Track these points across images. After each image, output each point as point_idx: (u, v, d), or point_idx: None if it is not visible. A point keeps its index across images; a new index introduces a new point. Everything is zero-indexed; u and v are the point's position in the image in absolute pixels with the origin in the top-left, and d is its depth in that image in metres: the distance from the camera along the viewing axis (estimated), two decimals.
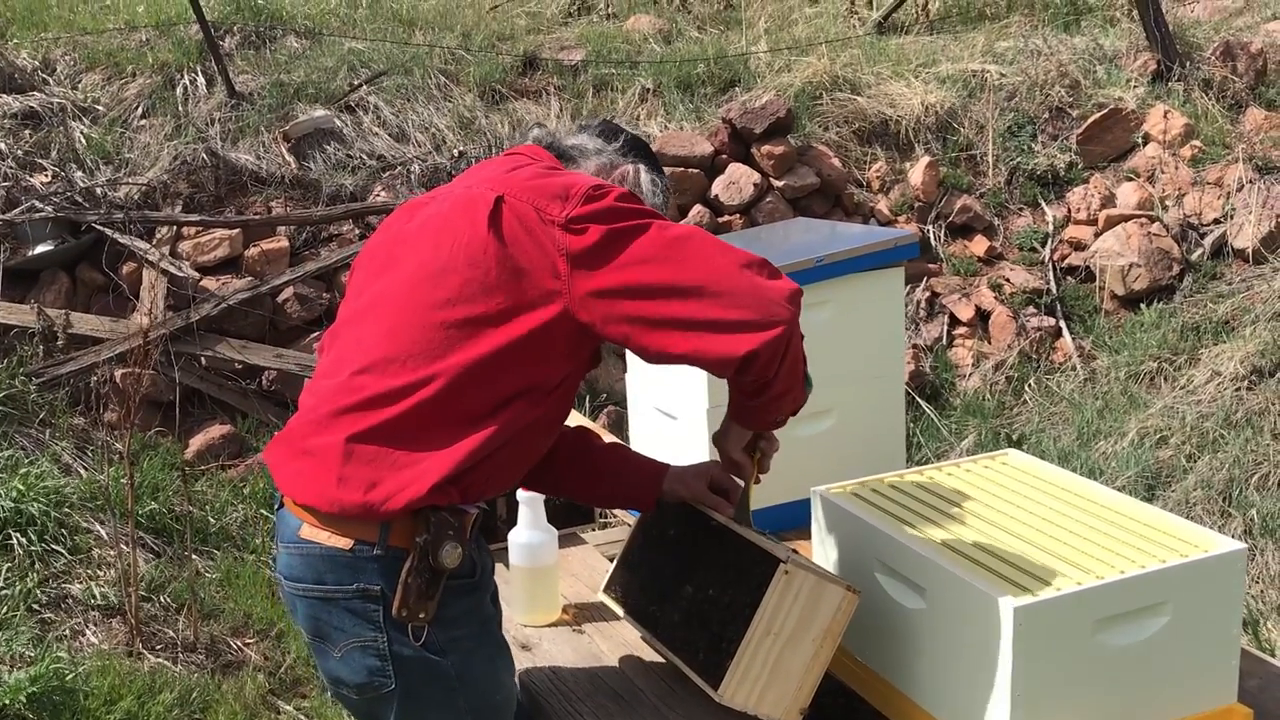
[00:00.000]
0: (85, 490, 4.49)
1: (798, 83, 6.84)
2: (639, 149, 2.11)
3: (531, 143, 2.07)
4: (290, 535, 1.84)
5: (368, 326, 1.87)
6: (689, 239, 1.81)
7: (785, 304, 1.78)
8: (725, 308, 1.76)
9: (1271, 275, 5.81)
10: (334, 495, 1.77)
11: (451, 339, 1.79)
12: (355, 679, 1.83)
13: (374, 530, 1.77)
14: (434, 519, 1.76)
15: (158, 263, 5.47)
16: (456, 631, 1.83)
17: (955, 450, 5.24)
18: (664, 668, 2.14)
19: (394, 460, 1.76)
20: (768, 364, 1.81)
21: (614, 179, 2.03)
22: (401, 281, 1.86)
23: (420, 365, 1.78)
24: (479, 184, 1.89)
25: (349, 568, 1.79)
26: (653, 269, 1.77)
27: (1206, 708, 1.97)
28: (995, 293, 6.22)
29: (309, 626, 1.87)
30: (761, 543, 1.94)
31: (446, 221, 1.86)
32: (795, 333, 1.82)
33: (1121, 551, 1.95)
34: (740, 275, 1.78)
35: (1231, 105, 6.99)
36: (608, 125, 2.14)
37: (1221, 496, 4.46)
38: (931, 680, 1.98)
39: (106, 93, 6.41)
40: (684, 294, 1.77)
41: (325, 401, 1.85)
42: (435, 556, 1.76)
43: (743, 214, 6.22)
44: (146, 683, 3.64)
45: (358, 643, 1.81)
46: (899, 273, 2.85)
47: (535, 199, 1.82)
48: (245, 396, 5.40)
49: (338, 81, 6.63)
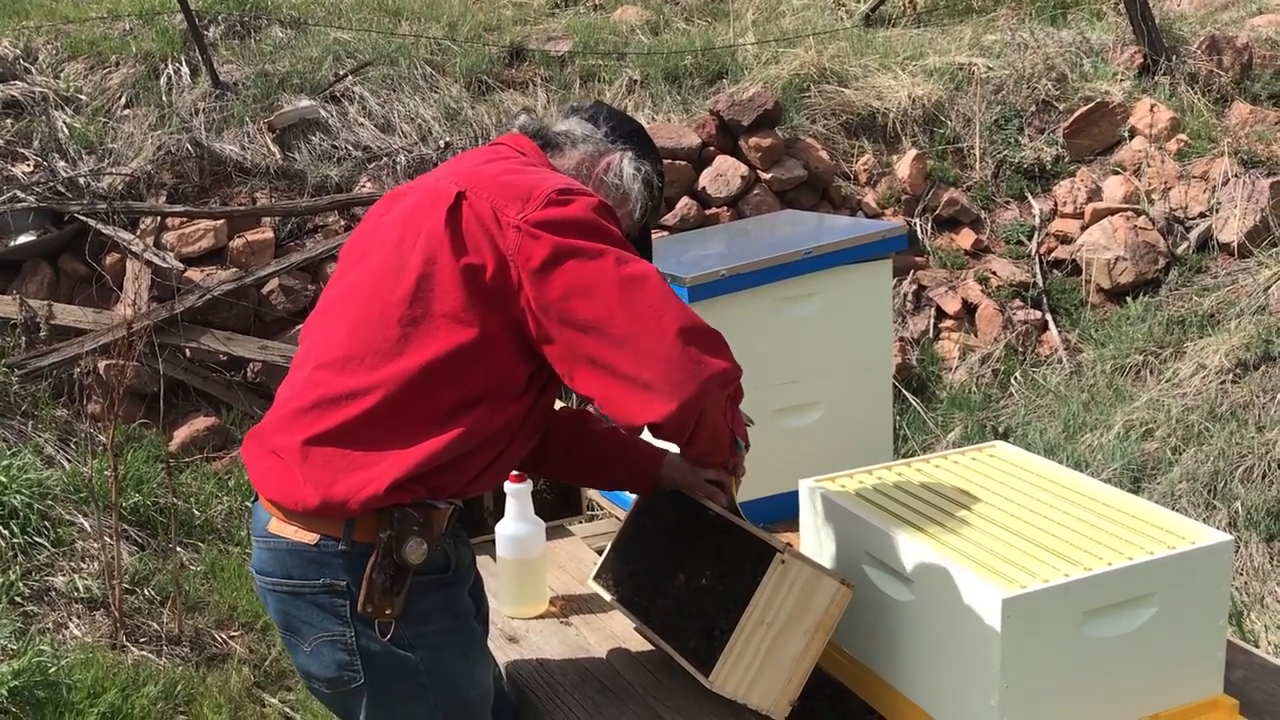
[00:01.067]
0: (68, 482, 4.46)
1: (785, 75, 6.84)
2: (628, 134, 2.05)
3: (518, 130, 2.04)
4: (260, 529, 1.85)
5: (334, 321, 1.88)
6: (638, 284, 1.75)
7: (703, 382, 1.74)
8: (644, 367, 1.73)
9: (1256, 269, 5.83)
10: (296, 495, 1.78)
11: (408, 337, 1.77)
12: (325, 673, 1.83)
13: (339, 526, 1.77)
14: (398, 515, 1.76)
15: (141, 254, 5.44)
16: (426, 627, 1.82)
17: (941, 443, 5.25)
18: (652, 660, 2.13)
19: (350, 461, 1.76)
20: (674, 434, 1.81)
21: (598, 170, 2.00)
22: (367, 276, 1.86)
23: (378, 365, 1.77)
24: (447, 177, 1.87)
25: (315, 563, 1.79)
26: (588, 303, 1.73)
27: (1192, 698, 1.98)
28: (982, 286, 6.23)
29: (280, 620, 1.87)
30: (758, 533, 1.94)
31: (411, 216, 1.85)
32: (709, 409, 1.78)
33: (1109, 543, 1.95)
34: (671, 339, 1.73)
35: (1217, 99, 7.01)
36: (599, 108, 2.10)
37: (1207, 489, 4.47)
38: (919, 672, 1.97)
39: (89, 82, 6.36)
40: (609, 339, 1.73)
41: (290, 398, 1.86)
42: (399, 553, 1.75)
43: (730, 206, 6.21)
44: (130, 676, 3.62)
45: (326, 637, 1.80)
46: (887, 265, 2.85)
47: (496, 198, 1.78)
48: (230, 388, 5.38)
49: (323, 72, 6.59)
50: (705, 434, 1.83)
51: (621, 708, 1.99)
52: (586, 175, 1.99)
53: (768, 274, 2.69)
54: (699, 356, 1.75)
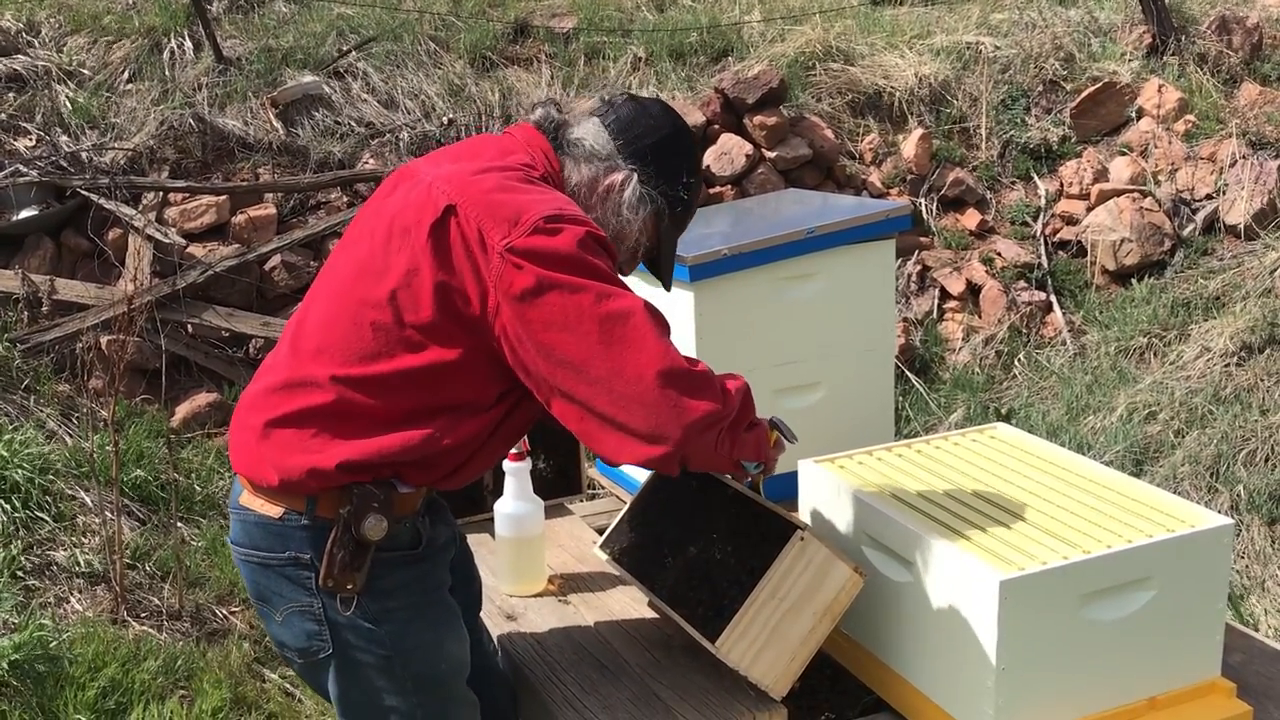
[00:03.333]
0: (70, 457, 4.46)
1: (791, 53, 6.79)
2: (645, 150, 1.92)
3: (534, 123, 1.96)
4: (234, 501, 1.88)
5: (318, 305, 1.88)
6: (621, 321, 1.71)
7: (684, 426, 1.70)
8: (620, 409, 1.70)
9: (1263, 251, 5.80)
10: (259, 472, 1.80)
11: (379, 341, 1.77)
12: (296, 643, 1.85)
13: (301, 501, 1.79)
14: (357, 492, 1.76)
15: (143, 229, 5.43)
16: (391, 602, 1.83)
17: (944, 424, 5.24)
18: (649, 638, 2.13)
19: (305, 445, 1.77)
20: (663, 471, 1.78)
21: (598, 193, 1.92)
22: (350, 265, 1.85)
23: (345, 362, 1.77)
24: (442, 182, 1.80)
25: (280, 536, 1.81)
26: (568, 339, 1.70)
27: (1190, 681, 1.98)
28: (986, 266, 6.21)
29: (253, 590, 1.89)
30: (779, 511, 1.94)
31: (400, 214, 1.81)
32: (692, 453, 1.74)
33: (1108, 526, 1.94)
34: (651, 381, 1.69)
35: (1226, 80, 6.96)
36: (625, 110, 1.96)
37: (1209, 472, 4.46)
38: (917, 653, 1.97)
39: (92, 56, 6.34)
40: (587, 378, 1.71)
41: (266, 373, 1.88)
42: (358, 529, 1.76)
43: (734, 185, 6.19)
44: (131, 650, 3.63)
45: (296, 607, 1.83)
46: (890, 245, 2.83)
47: (483, 218, 1.74)
48: (232, 364, 5.38)
49: (326, 47, 6.56)
50: (695, 468, 1.80)
51: (617, 685, 1.99)
52: (588, 194, 1.92)
53: (770, 253, 2.68)
54: (678, 400, 1.71)
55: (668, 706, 1.91)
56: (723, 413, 1.76)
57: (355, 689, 1.86)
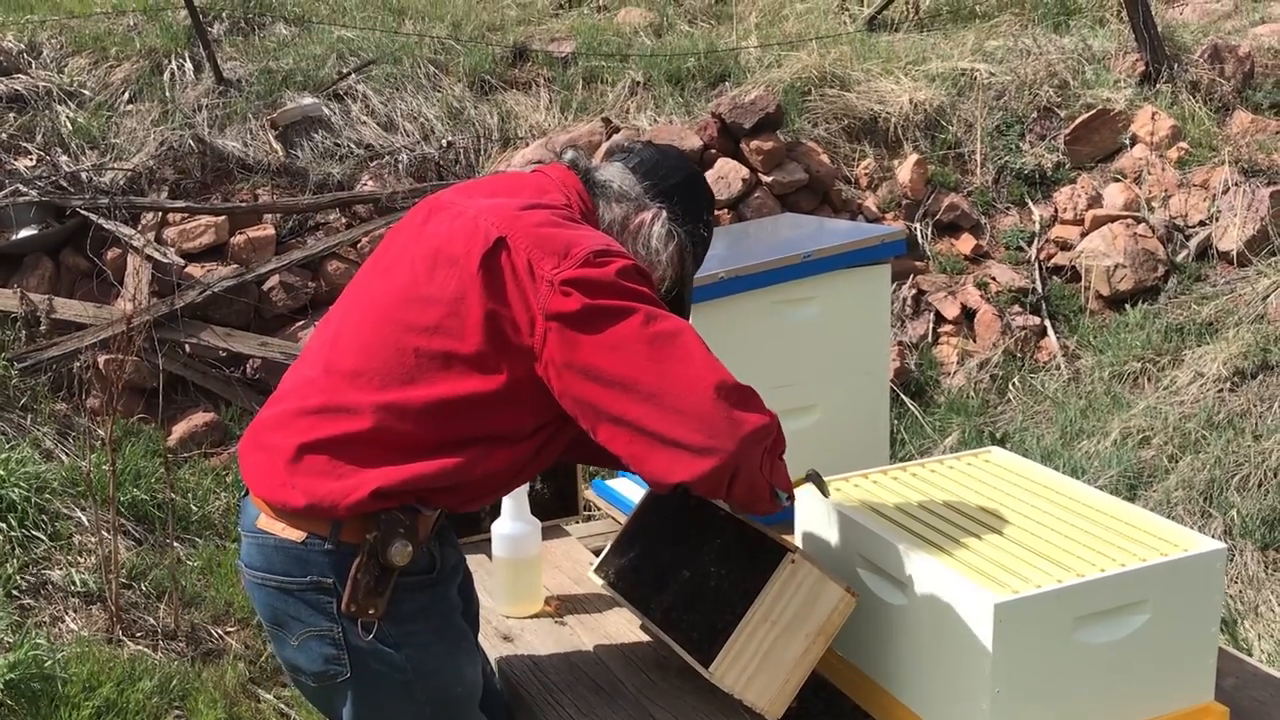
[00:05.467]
0: (66, 476, 4.47)
1: (788, 78, 6.85)
2: (670, 190, 1.99)
3: (569, 162, 2.01)
4: (249, 524, 1.87)
5: (351, 327, 1.88)
6: (670, 339, 1.74)
7: (739, 438, 1.72)
8: (673, 424, 1.71)
9: (1255, 278, 5.84)
10: (283, 496, 1.79)
11: (422, 368, 1.78)
12: (312, 667, 1.85)
13: (326, 526, 1.79)
14: (384, 518, 1.77)
15: (142, 249, 5.45)
16: (412, 626, 1.83)
17: (939, 448, 5.26)
18: (645, 660, 2.14)
19: (339, 471, 1.77)
20: (708, 492, 1.78)
21: (630, 230, 1.97)
22: (392, 292, 1.85)
23: (386, 387, 1.78)
24: (489, 214, 1.83)
25: (301, 560, 1.80)
26: (619, 360, 1.72)
27: (1183, 705, 1.99)
28: (981, 291, 6.24)
29: (267, 615, 1.88)
30: (770, 534, 1.95)
31: (446, 245, 1.83)
32: (743, 466, 1.75)
33: (1103, 550, 1.95)
34: (704, 395, 1.71)
35: (1218, 108, 7.02)
36: (646, 154, 2.04)
37: (1203, 497, 4.48)
38: (912, 676, 1.98)
39: (93, 77, 6.38)
40: (639, 396, 1.72)
41: (293, 393, 1.87)
42: (384, 554, 1.77)
43: (731, 209, 6.22)
44: (126, 670, 3.63)
45: (314, 632, 1.82)
46: (886, 270, 2.85)
47: (533, 250, 1.77)
48: (229, 384, 5.39)
49: (326, 69, 6.61)
50: (741, 489, 1.80)
51: (614, 707, 1.99)
52: (621, 231, 1.96)
53: (766, 277, 2.70)
54: (732, 413, 1.72)
55: None
56: (773, 427, 1.79)
57: (372, 712, 1.86)
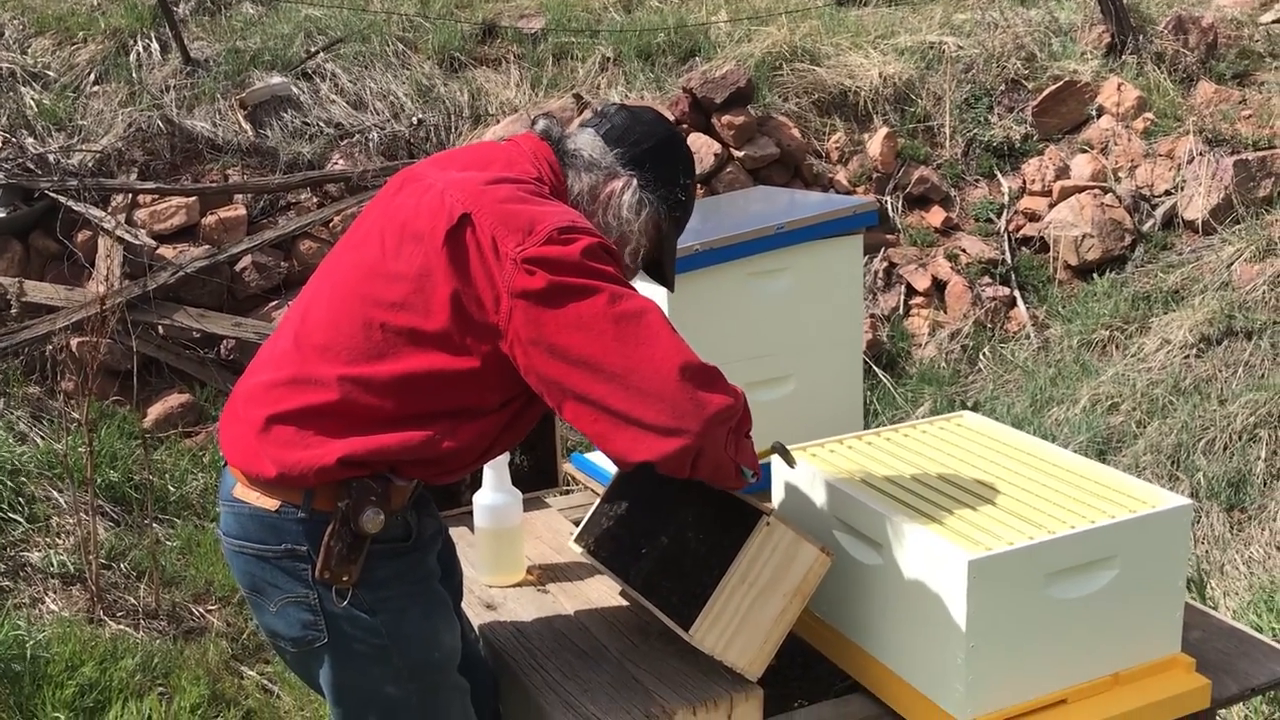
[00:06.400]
0: (42, 459, 4.46)
1: (758, 53, 6.86)
2: (642, 156, 1.98)
3: (539, 132, 2.01)
4: (226, 493, 1.90)
5: (321, 300, 1.90)
6: (635, 319, 1.74)
7: (703, 419, 1.73)
8: (637, 405, 1.72)
9: (1220, 246, 5.92)
10: (256, 466, 1.82)
11: (389, 344, 1.80)
12: (290, 632, 1.88)
13: (299, 494, 1.82)
14: (356, 486, 1.80)
15: (113, 231, 5.42)
16: (386, 592, 1.86)
17: (911, 418, 5.32)
18: (628, 625, 2.18)
19: (307, 442, 1.80)
20: (674, 471, 1.79)
21: (600, 200, 1.97)
22: (359, 268, 1.87)
23: (353, 362, 1.80)
24: (454, 189, 1.84)
25: (275, 529, 1.83)
26: (583, 339, 1.73)
27: (1152, 657, 2.04)
28: (951, 263, 6.30)
29: (246, 582, 1.91)
30: (745, 498, 1.99)
31: (412, 220, 1.84)
32: (708, 447, 1.76)
33: (1072, 507, 2.00)
34: (668, 376, 1.72)
35: (1183, 79, 7.09)
36: (619, 119, 2.01)
37: (1170, 460, 4.56)
38: (888, 633, 2.03)
39: (57, 58, 6.31)
40: (603, 376, 1.73)
41: (266, 368, 1.90)
42: (356, 522, 1.79)
43: (703, 184, 6.25)
44: (108, 649, 3.64)
45: (291, 598, 1.85)
46: (857, 240, 2.89)
47: (497, 227, 1.77)
48: (204, 365, 5.38)
49: (294, 48, 6.57)
50: (706, 469, 1.82)
51: (596, 670, 2.03)
52: (590, 202, 1.97)
53: (740, 249, 2.73)
54: (697, 394, 1.73)
55: (647, 690, 1.95)
56: (737, 408, 1.80)
57: (350, 677, 1.89)
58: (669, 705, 1.89)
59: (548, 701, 1.95)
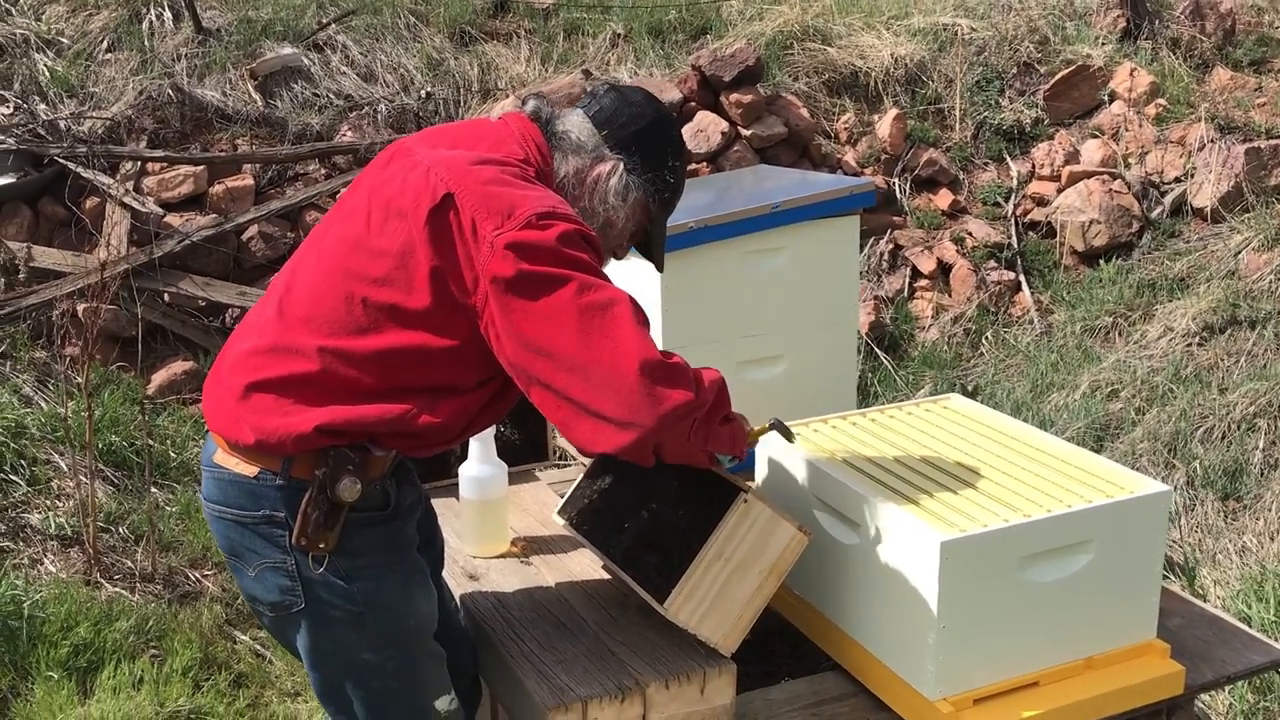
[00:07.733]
0: (45, 422, 4.49)
1: (769, 31, 6.84)
2: (629, 139, 1.98)
3: (529, 113, 2.01)
4: (208, 459, 1.92)
5: (307, 271, 1.92)
6: (601, 311, 1.75)
7: (658, 415, 1.75)
8: (596, 397, 1.75)
9: (1228, 234, 5.89)
10: (234, 432, 1.85)
11: (370, 318, 1.82)
12: (269, 597, 1.90)
13: (277, 461, 1.84)
14: (334, 454, 1.82)
15: (121, 198, 5.44)
16: (362, 560, 1.88)
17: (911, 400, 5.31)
18: (607, 598, 2.20)
19: (285, 410, 1.82)
20: (635, 460, 1.81)
21: (586, 184, 1.98)
22: (344, 241, 1.89)
23: (334, 334, 1.82)
24: (440, 168, 1.84)
25: (254, 495, 1.86)
26: (548, 329, 1.75)
27: (1126, 642, 2.05)
28: (957, 246, 6.28)
29: (225, 546, 1.94)
30: (724, 475, 2.00)
31: (397, 196, 1.85)
32: (666, 441, 1.79)
33: (1049, 491, 2.01)
34: (626, 371, 1.73)
35: (1198, 65, 7.04)
36: (608, 101, 2.01)
37: (1167, 448, 4.55)
38: (863, 612, 2.04)
39: (71, 25, 6.33)
40: (565, 366, 1.75)
41: (250, 335, 1.91)
42: (333, 490, 1.81)
43: (710, 162, 6.23)
44: (104, 611, 3.68)
45: (269, 564, 1.88)
46: (854, 221, 2.89)
47: (478, 209, 1.78)
48: (208, 333, 5.40)
49: (306, 19, 6.57)
50: (671, 458, 1.85)
51: (574, 641, 2.05)
52: (576, 185, 1.98)
53: (736, 227, 2.73)
54: (654, 390, 1.75)
55: (622, 662, 1.97)
56: (696, 403, 1.81)
57: (326, 642, 1.91)
58: (642, 678, 1.91)
59: (523, 671, 1.97)
